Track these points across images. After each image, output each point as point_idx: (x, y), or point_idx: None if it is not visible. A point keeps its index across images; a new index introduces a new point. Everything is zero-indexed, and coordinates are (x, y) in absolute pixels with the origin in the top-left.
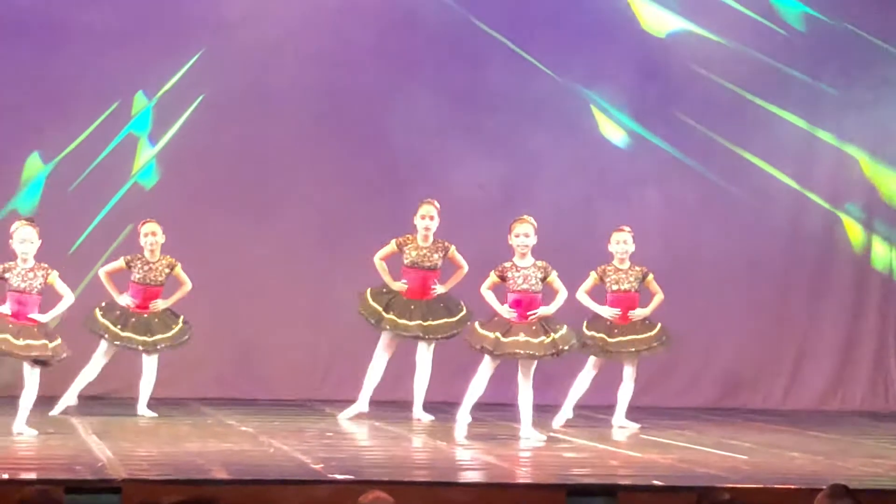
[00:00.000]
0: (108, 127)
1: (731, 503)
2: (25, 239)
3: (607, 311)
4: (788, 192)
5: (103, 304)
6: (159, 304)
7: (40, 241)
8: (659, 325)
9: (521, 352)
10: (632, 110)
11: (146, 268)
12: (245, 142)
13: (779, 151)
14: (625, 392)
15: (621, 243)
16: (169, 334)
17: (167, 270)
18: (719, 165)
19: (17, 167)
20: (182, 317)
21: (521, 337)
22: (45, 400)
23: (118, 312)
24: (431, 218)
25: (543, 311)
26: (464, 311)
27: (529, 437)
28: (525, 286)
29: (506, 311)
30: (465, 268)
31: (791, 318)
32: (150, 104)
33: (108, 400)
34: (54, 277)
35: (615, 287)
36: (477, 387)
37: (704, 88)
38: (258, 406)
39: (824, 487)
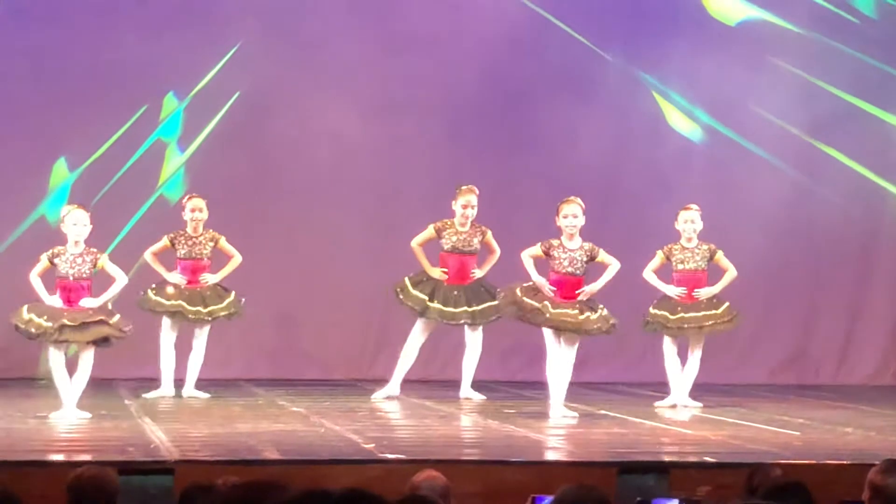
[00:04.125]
0: (134, 134)
1: (783, 479)
2: (78, 222)
3: (673, 290)
4: (857, 179)
5: (153, 285)
6: (209, 278)
7: (91, 225)
8: (727, 303)
9: (570, 321)
10: (703, 101)
11: (189, 242)
12: (289, 125)
13: (852, 140)
14: (689, 371)
15: (689, 222)
16: (222, 304)
17: (211, 244)
18: (790, 155)
19: (45, 172)
20: (233, 291)
21: (570, 309)
22: (100, 382)
23: (170, 290)
24: (473, 207)
25: (590, 288)
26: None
27: (565, 414)
28: (570, 269)
29: (546, 289)
30: (498, 252)
31: (844, 293)
32: (181, 106)
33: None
34: (104, 260)
35: (681, 266)
36: (554, 374)
37: (775, 77)
38: (309, 387)
39: (877, 463)
